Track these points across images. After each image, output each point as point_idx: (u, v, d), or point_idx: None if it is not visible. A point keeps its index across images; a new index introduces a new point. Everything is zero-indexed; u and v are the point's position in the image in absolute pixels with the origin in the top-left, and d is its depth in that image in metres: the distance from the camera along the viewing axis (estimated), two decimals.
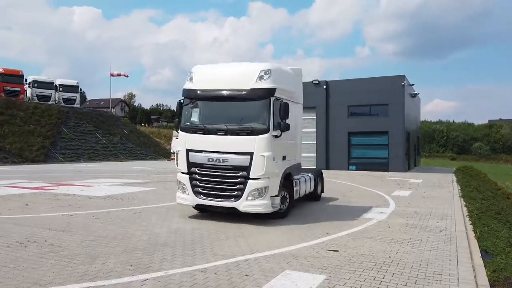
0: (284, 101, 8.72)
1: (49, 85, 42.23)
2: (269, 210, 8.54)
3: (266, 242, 6.97)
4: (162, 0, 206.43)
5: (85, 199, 12.05)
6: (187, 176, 8.93)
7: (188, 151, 8.92)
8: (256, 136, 8.33)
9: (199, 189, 8.82)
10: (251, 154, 8.32)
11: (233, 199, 8.51)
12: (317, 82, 30.16)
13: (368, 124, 29.17)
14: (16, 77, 39.26)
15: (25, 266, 5.37)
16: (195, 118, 9.21)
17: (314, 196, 12.33)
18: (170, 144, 47.84)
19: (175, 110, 9.87)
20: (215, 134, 8.65)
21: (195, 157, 8.82)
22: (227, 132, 8.53)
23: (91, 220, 8.67)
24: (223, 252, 6.27)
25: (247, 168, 8.37)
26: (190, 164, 8.88)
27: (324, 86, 30.08)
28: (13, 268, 5.28)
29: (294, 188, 9.81)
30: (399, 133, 27.87)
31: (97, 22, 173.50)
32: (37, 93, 40.75)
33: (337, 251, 6.42)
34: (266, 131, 8.34)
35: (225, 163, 8.55)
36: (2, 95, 37.64)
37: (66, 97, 43.15)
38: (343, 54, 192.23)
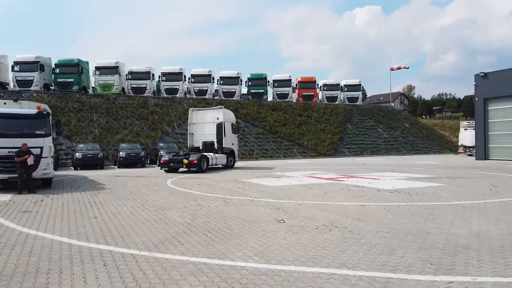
0: None
1: (336, 86, 46.96)
2: None
3: None
4: None
5: (373, 191, 12.56)
6: None
7: None
8: None
9: None
10: None
11: None
12: None
13: None
14: (310, 83, 45.66)
15: (333, 248, 6.08)
16: None
17: None
18: (457, 136, 43.53)
19: None
20: None
21: None
22: None
23: (383, 213, 8.92)
24: None
25: None
26: None
27: None
28: (323, 248, 6.08)
29: None
30: None
31: (377, 19, 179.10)
32: (326, 95, 46.20)
33: None
34: None
35: None
36: (301, 99, 44.67)
37: (350, 96, 46.80)
38: None
